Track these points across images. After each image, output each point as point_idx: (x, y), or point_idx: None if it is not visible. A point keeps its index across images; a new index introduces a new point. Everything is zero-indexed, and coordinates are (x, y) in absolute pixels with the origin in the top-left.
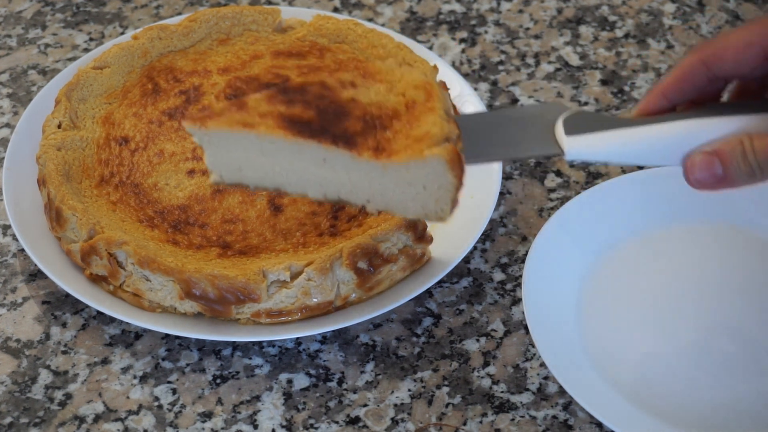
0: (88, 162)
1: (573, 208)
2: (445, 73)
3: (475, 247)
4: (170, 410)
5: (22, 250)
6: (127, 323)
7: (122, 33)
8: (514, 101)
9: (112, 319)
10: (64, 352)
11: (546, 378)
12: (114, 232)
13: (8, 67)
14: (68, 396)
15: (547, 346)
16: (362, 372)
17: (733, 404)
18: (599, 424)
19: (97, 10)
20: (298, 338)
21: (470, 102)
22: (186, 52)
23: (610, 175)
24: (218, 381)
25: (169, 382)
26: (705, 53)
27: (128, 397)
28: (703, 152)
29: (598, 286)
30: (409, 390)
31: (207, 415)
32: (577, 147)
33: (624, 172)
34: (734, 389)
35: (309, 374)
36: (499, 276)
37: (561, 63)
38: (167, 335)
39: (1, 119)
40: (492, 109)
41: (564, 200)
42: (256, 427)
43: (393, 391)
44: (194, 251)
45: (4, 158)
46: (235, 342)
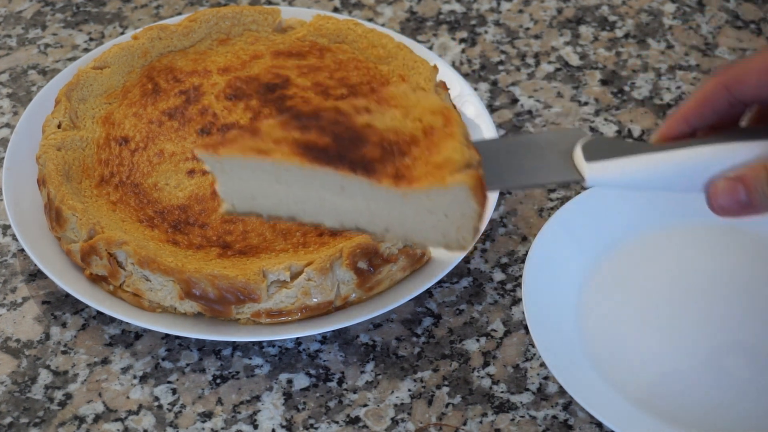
0: (88, 162)
1: (573, 208)
2: (445, 73)
3: (475, 247)
4: (170, 410)
5: (22, 250)
6: (127, 323)
7: (122, 33)
8: (514, 101)
9: (112, 319)
10: (64, 352)
11: (546, 378)
12: (114, 232)
13: (8, 67)
14: (68, 396)
15: (547, 346)
16: (362, 372)
17: (733, 404)
18: (599, 424)
19: (97, 10)
20: (298, 338)
21: (470, 102)
22: (186, 52)
23: None
24: (218, 381)
25: (169, 382)
26: (726, 77)
27: (128, 397)
28: (726, 178)
29: (598, 286)
30: (409, 390)
31: (207, 415)
32: (598, 173)
33: None
34: (734, 389)
35: (309, 374)
36: (499, 276)
37: (561, 63)
38: (167, 335)
39: (1, 119)
40: (506, 135)
41: (564, 200)
42: (256, 427)
43: (393, 391)
44: (194, 251)
45: (4, 158)
46: (235, 342)
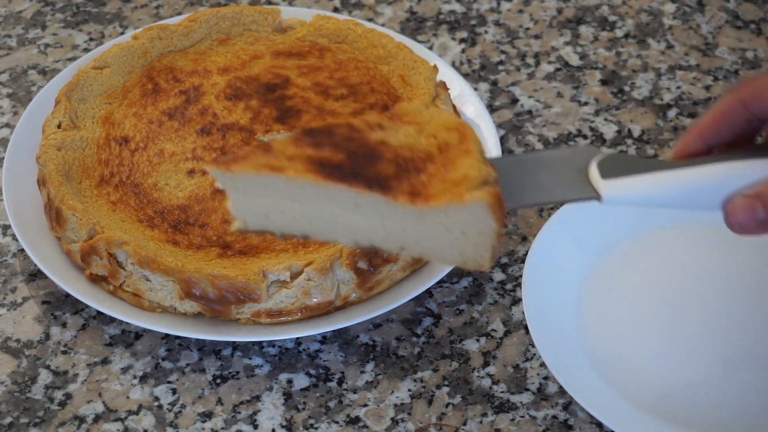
0: (88, 162)
1: (573, 208)
2: (445, 73)
3: None
4: (170, 410)
5: (22, 250)
6: (127, 323)
7: (122, 33)
8: (514, 101)
9: (112, 319)
10: (64, 352)
11: (546, 378)
12: (114, 232)
13: (8, 67)
14: (68, 396)
15: (547, 346)
16: (362, 372)
17: (733, 404)
18: (599, 424)
19: (97, 10)
20: (298, 338)
21: (470, 102)
22: (186, 52)
23: None
24: (218, 381)
25: (169, 382)
26: (744, 93)
27: (128, 397)
28: (744, 195)
29: (598, 286)
30: (409, 390)
31: (207, 415)
32: (614, 190)
33: None
34: (734, 388)
35: (309, 374)
36: (499, 276)
37: (561, 63)
38: (167, 335)
39: (1, 119)
40: (518, 153)
41: None
42: (256, 427)
43: (393, 391)
44: (194, 251)
45: (4, 158)
46: (235, 342)
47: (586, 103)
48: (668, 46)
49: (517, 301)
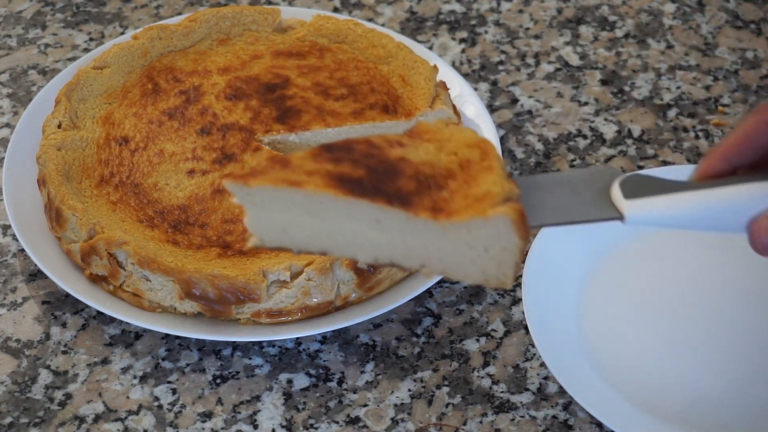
0: (88, 162)
1: None
2: (445, 73)
3: None
4: (170, 410)
5: (22, 250)
6: (127, 323)
7: (122, 33)
8: (514, 101)
9: (112, 319)
10: (64, 352)
11: (546, 378)
12: (114, 232)
13: (8, 67)
14: (68, 396)
15: (547, 346)
16: (362, 372)
17: (733, 403)
18: (599, 424)
19: (97, 10)
20: (298, 338)
21: (470, 102)
22: (186, 52)
23: None
24: (218, 381)
25: (169, 382)
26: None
27: (128, 397)
28: None
29: (598, 286)
30: (409, 390)
31: (207, 415)
32: (638, 211)
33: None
34: (734, 388)
35: (309, 374)
36: None
37: (561, 63)
38: (167, 335)
39: (1, 119)
40: (538, 172)
41: None
42: (256, 427)
43: (393, 391)
44: (194, 251)
45: (4, 158)
46: (235, 342)
47: (586, 103)
48: (668, 46)
49: (517, 301)
